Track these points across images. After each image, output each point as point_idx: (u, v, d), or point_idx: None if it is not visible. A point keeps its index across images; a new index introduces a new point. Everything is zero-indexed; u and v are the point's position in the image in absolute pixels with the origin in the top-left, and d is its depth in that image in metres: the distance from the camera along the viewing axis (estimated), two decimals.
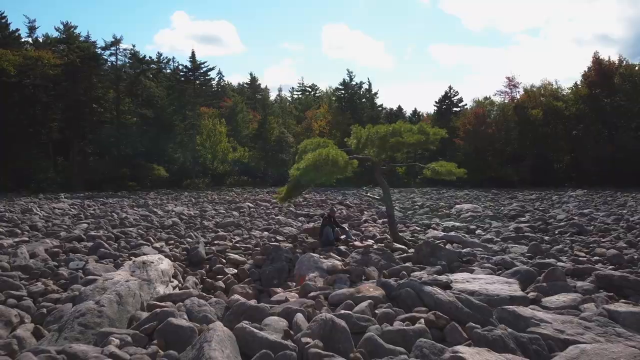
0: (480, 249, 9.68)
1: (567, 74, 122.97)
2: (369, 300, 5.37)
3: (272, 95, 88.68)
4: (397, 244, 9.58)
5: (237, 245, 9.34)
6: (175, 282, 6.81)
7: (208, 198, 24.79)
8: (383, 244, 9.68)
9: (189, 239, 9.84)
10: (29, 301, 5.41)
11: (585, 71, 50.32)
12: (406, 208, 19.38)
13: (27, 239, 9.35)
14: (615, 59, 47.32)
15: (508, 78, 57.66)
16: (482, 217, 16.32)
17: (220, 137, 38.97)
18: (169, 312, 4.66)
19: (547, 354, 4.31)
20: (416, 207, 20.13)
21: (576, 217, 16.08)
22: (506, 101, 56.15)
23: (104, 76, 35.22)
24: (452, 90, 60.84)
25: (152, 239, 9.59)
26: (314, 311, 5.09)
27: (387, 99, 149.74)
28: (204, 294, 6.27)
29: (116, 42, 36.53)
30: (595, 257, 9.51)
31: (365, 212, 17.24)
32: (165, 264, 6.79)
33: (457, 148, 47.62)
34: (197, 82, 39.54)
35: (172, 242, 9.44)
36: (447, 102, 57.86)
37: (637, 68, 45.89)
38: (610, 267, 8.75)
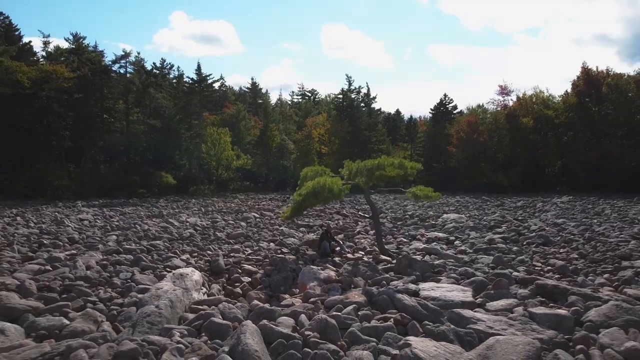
0: (452, 259, 11.51)
1: (566, 74, 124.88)
2: (354, 305, 7.22)
3: (273, 99, 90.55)
4: (383, 256, 11.42)
5: (250, 257, 11.18)
6: (204, 290, 8.64)
7: (215, 207, 26.62)
8: (371, 256, 11.52)
9: (209, 252, 11.68)
10: (101, 305, 7.23)
11: (574, 80, 52.45)
12: (397, 218, 21.17)
13: (75, 251, 11.18)
14: (603, 68, 49.13)
15: (501, 86, 59.64)
16: (463, 227, 18.15)
17: (224, 146, 40.83)
18: (210, 313, 6.52)
19: (476, 343, 6.13)
20: (407, 216, 21.96)
21: (547, 228, 17.90)
22: (499, 109, 58.12)
23: (114, 88, 37.06)
24: (447, 98, 62.78)
25: (178, 252, 11.43)
26: (313, 313, 6.94)
27: (386, 101, 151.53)
28: (229, 299, 8.10)
29: (125, 55, 38.38)
30: (547, 267, 11.33)
31: (360, 223, 19.09)
32: (197, 275, 8.62)
33: (451, 155, 49.53)
34: (204, 93, 41.35)
35: (195, 254, 11.28)
36: (442, 109, 59.74)
37: (625, 77, 47.88)
38: (557, 276, 10.58)
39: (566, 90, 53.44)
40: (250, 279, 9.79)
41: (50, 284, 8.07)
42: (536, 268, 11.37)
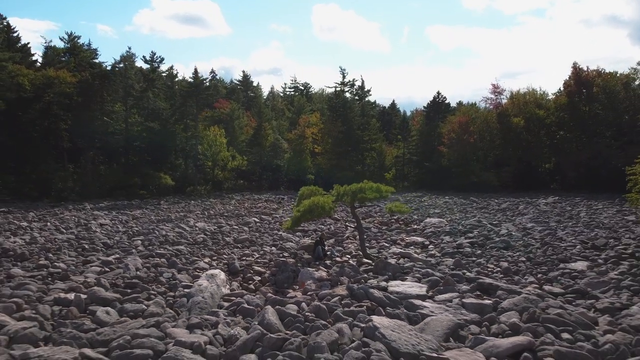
0: (420, 262, 15.07)
1: (574, 58, 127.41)
2: (339, 297, 10.75)
3: (264, 89, 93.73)
4: (365, 259, 14.97)
5: (258, 260, 14.71)
6: (228, 286, 12.15)
7: (216, 209, 30.07)
8: (356, 259, 15.09)
9: (224, 255, 15.19)
10: (160, 297, 10.70)
11: (566, 80, 56.30)
12: (383, 223, 24.74)
13: (117, 255, 14.64)
14: (594, 67, 52.79)
15: (493, 85, 63.29)
16: (440, 232, 21.74)
17: (220, 147, 44.20)
18: (240, 301, 10.04)
19: (419, 321, 9.66)
20: (392, 220, 25.53)
21: (514, 233, 21.48)
22: (491, 107, 61.82)
23: (115, 93, 40.23)
24: (440, 96, 66.52)
25: (199, 256, 14.92)
26: (310, 301, 10.46)
27: (383, 86, 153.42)
28: (248, 292, 11.61)
29: (125, 59, 41.47)
30: (497, 269, 14.91)
31: (349, 227, 22.63)
32: (222, 275, 12.12)
33: (442, 155, 53.12)
34: (200, 96, 44.58)
35: (215, 258, 14.78)
36: (434, 107, 63.27)
37: (618, 76, 51.70)
38: (501, 276, 14.16)
39: (559, 89, 57.26)
40: (260, 278, 13.30)
41: (115, 281, 11.55)
42: (488, 269, 14.97)
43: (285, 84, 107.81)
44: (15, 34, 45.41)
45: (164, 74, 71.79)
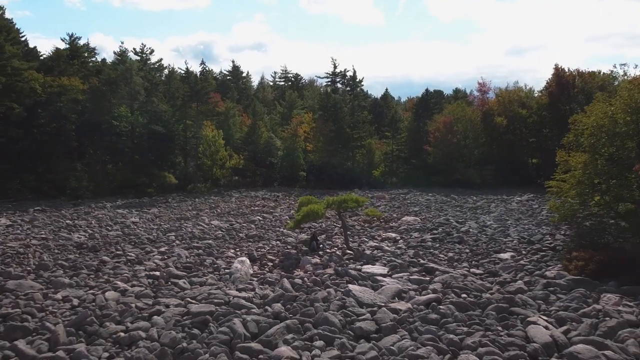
0: (389, 253, 21.83)
1: (587, 33, 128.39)
2: (328, 274, 17.56)
3: (254, 79, 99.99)
4: (348, 251, 21.72)
5: (269, 251, 21.44)
6: (252, 269, 18.87)
7: (221, 208, 36.70)
8: (341, 251, 21.87)
9: (244, 247, 21.88)
10: (211, 275, 17.38)
11: (547, 81, 63.56)
12: (366, 220, 31.51)
13: (165, 247, 21.27)
14: (574, 69, 59.77)
15: (480, 83, 70.23)
16: (411, 229, 28.52)
17: (218, 147, 50.74)
18: (265, 276, 16.86)
19: (378, 288, 16.42)
20: (374, 219, 32.28)
21: (472, 230, 28.32)
22: (476, 104, 68.78)
23: (122, 98, 46.57)
24: (428, 94, 73.46)
25: (226, 248, 21.61)
26: (309, 277, 17.26)
27: (378, 67, 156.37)
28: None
29: (120, 54, 47.72)
30: (444, 258, 21.69)
31: (337, 226, 29.37)
32: (248, 261, 18.87)
33: (428, 153, 59.80)
34: (201, 100, 51.01)
35: (237, 249, 21.48)
36: (423, 105, 69.95)
37: (600, 73, 58.77)
38: (445, 262, 20.97)
39: (544, 87, 64.08)
40: (272, 264, 20.01)
41: (175, 265, 18.25)
42: (438, 258, 21.78)
43: (275, 72, 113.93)
44: (22, 37, 51.27)
45: (153, 66, 78.33)
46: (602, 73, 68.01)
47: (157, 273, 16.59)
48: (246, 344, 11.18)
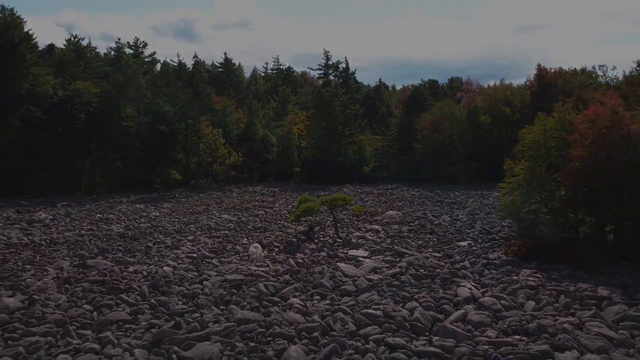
0: (371, 241, 28.72)
1: (600, 10, 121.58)
2: (322, 256, 24.53)
3: (245, 70, 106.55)
4: (338, 239, 28.64)
5: (275, 240, 28.34)
6: (263, 253, 25.80)
7: (226, 202, 43.47)
8: (332, 239, 28.82)
9: (254, 236, 28.72)
10: (234, 257, 24.26)
11: (531, 80, 70.93)
12: (355, 215, 38.45)
13: (192, 236, 28.08)
14: (556, 68, 66.78)
15: (466, 82, 77.31)
16: (392, 222, 35.43)
17: (218, 145, 57.44)
18: (275, 257, 23.84)
19: (360, 265, 23.34)
20: (361, 213, 39.20)
21: (443, 223, 35.29)
22: (462, 102, 75.86)
23: (130, 101, 53.13)
24: (417, 91, 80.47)
25: (240, 237, 28.44)
26: (309, 258, 24.22)
27: (374, 47, 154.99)
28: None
29: (117, 47, 54.26)
30: (414, 245, 28.59)
31: (329, 220, 36.24)
32: (260, 247, 25.82)
33: (416, 150, 66.52)
34: (202, 102, 57.63)
35: (250, 238, 28.33)
36: (413, 102, 76.92)
37: (585, 70, 65.87)
38: (414, 248, 27.91)
39: (525, 83, 70.88)
40: (278, 249, 26.89)
41: (205, 250, 25.12)
42: (410, 245, 28.70)
43: (267, 63, 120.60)
44: (34, 40, 57.41)
45: (146, 59, 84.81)
46: (585, 71, 75.84)
47: (195, 255, 23.43)
48: (269, 298, 18.13)
